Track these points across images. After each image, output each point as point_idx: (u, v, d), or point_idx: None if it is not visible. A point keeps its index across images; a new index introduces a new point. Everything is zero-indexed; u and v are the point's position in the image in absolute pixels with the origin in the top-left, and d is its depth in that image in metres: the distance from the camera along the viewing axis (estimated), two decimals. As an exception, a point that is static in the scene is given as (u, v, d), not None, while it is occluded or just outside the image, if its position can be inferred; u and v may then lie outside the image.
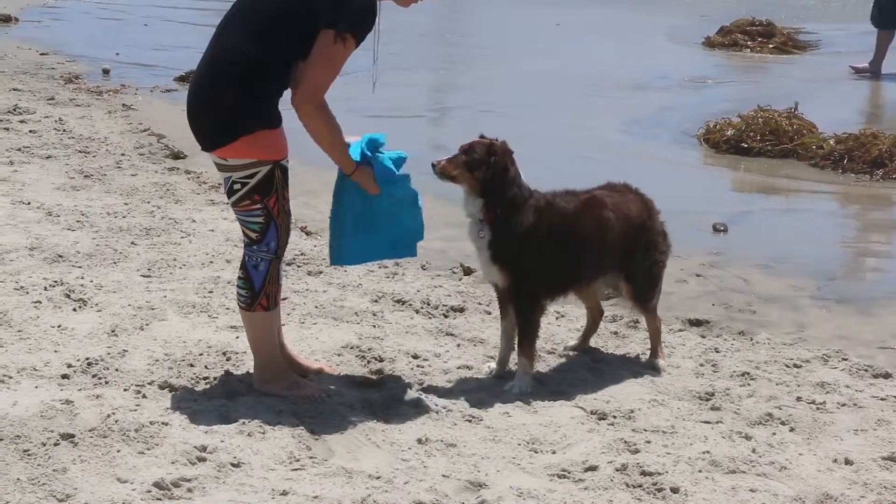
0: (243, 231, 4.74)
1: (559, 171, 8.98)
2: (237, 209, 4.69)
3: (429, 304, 6.08)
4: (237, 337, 5.29)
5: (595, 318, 5.59)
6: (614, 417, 4.77)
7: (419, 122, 11.65)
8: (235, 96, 4.54)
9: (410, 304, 6.07)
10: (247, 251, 4.74)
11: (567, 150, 10.23)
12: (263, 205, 4.62)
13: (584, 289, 5.38)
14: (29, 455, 4.17)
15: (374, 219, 4.87)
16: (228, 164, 4.61)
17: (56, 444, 4.26)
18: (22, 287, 5.94)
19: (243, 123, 4.54)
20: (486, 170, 4.89)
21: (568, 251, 5.06)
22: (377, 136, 4.85)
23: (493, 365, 5.19)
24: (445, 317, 5.95)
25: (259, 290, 4.72)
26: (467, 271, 6.67)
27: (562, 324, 5.94)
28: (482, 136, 5.03)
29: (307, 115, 4.54)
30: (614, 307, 5.94)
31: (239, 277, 4.78)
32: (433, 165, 4.96)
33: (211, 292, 6.04)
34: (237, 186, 4.62)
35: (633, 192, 5.36)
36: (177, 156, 9.36)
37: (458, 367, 5.23)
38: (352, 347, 5.37)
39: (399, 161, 4.87)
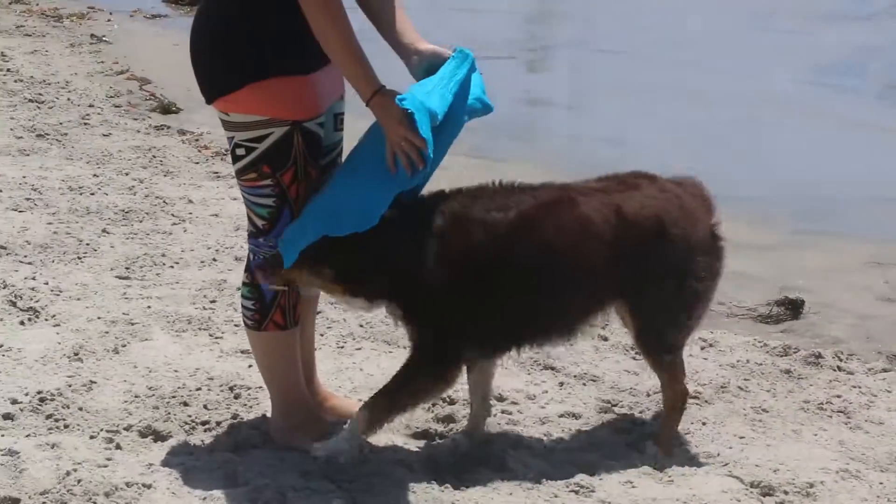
0: (248, 216, 4.78)
1: (714, 137, 8.93)
2: (241, 182, 4.74)
3: (520, 325, 6.06)
4: (250, 366, 5.33)
5: None
6: (785, 493, 4.73)
7: (508, 68, 11.63)
8: (241, 26, 4.56)
9: (494, 325, 6.06)
10: (251, 245, 4.80)
11: (725, 109, 10.19)
12: (275, 181, 4.66)
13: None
14: (-43, 527, 4.26)
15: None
16: (230, 120, 4.68)
17: (-6, 512, 4.32)
18: (-50, 290, 6.03)
19: (250, 65, 4.57)
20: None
21: None
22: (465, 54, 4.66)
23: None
24: (543, 343, 5.94)
25: (271, 302, 4.78)
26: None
27: (709, 356, 5.92)
28: None
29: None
30: (785, 334, 5.88)
31: (244, 283, 4.83)
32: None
33: (214, 302, 6.10)
34: (240, 151, 4.67)
35: (653, 186, 4.92)
36: (168, 109, 9.43)
37: (561, 415, 5.24)
38: (410, 384, 5.38)
39: (478, 111, 4.71)
